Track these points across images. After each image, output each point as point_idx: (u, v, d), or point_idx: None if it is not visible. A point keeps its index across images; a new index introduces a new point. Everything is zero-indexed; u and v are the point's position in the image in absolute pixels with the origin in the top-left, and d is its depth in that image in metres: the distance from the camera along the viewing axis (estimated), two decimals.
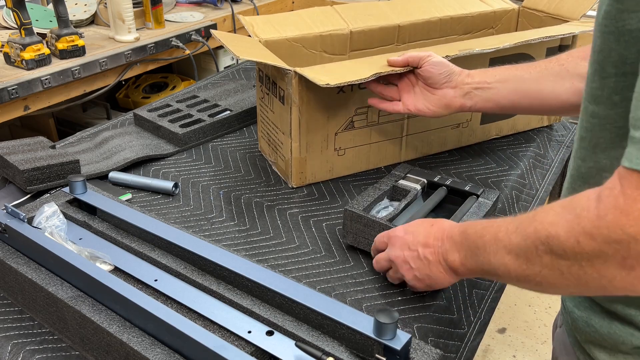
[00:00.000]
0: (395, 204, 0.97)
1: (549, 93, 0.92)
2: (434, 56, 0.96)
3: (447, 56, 1.01)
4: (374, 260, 0.84)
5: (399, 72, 0.98)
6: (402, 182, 1.00)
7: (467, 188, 0.98)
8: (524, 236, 0.58)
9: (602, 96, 0.58)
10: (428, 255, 0.73)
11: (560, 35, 1.13)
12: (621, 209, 0.47)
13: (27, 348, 0.73)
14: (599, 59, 0.57)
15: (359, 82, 0.95)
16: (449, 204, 0.99)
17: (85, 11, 2.09)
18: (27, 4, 1.67)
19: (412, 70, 0.98)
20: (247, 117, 1.35)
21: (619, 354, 0.64)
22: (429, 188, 1.01)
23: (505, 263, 0.60)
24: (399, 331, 0.62)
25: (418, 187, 0.99)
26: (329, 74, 0.96)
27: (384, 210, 0.96)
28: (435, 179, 0.99)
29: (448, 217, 0.88)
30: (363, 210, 0.91)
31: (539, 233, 0.55)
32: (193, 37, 2.12)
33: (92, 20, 2.13)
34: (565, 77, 0.90)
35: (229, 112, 1.34)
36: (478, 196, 0.96)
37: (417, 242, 0.75)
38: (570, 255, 0.52)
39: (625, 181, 0.48)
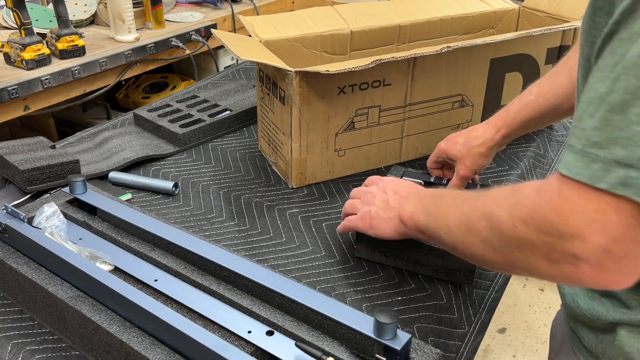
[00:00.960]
0: None
1: None
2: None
3: (447, 46, 1.01)
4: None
5: (400, 58, 0.99)
6: None
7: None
8: (472, 207, 0.61)
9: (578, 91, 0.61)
10: (391, 200, 0.79)
11: (561, 28, 1.13)
12: (554, 206, 0.49)
13: (27, 348, 0.73)
14: (585, 66, 0.58)
15: (359, 68, 0.96)
16: None
17: (85, 11, 2.09)
18: (27, 4, 1.67)
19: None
20: (247, 117, 1.35)
21: (596, 329, 0.66)
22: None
23: (448, 225, 0.64)
24: (399, 331, 0.62)
25: None
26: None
27: None
28: (431, 180, 0.99)
29: None
30: None
31: (486, 208, 0.59)
32: (193, 37, 2.12)
33: (92, 20, 2.13)
34: None
35: (229, 112, 1.34)
36: None
37: (392, 188, 0.81)
38: (505, 236, 0.55)
39: (563, 183, 0.49)
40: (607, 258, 0.47)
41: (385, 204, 0.80)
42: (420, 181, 1.00)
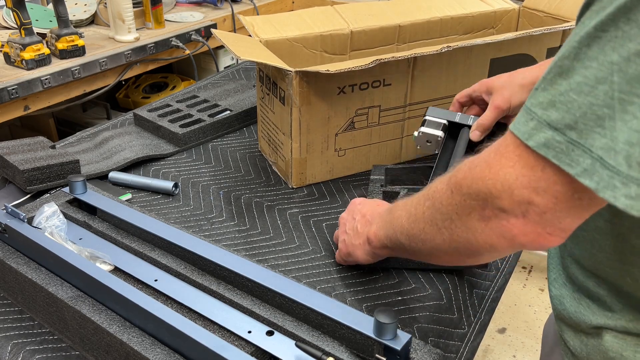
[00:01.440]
0: None
1: None
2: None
3: (447, 46, 1.01)
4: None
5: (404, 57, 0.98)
6: (389, 187, 1.00)
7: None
8: (420, 195, 0.63)
9: None
10: (359, 225, 0.79)
11: (561, 27, 1.13)
12: (488, 162, 0.51)
13: (27, 348, 0.73)
14: None
15: (359, 68, 0.96)
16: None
17: (85, 11, 2.09)
18: (27, 4, 1.67)
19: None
20: (247, 117, 1.35)
21: (580, 333, 0.66)
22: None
23: (402, 224, 0.65)
24: (399, 331, 0.62)
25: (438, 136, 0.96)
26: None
27: None
28: (456, 119, 0.95)
29: None
30: None
31: (430, 189, 0.60)
32: (193, 37, 2.12)
33: (92, 20, 2.13)
34: None
35: (229, 112, 1.34)
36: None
37: (360, 212, 0.81)
38: (445, 208, 0.56)
39: (503, 140, 0.51)
40: (532, 211, 0.49)
41: (354, 230, 0.80)
42: (444, 121, 0.96)
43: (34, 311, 0.78)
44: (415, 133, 0.98)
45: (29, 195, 1.04)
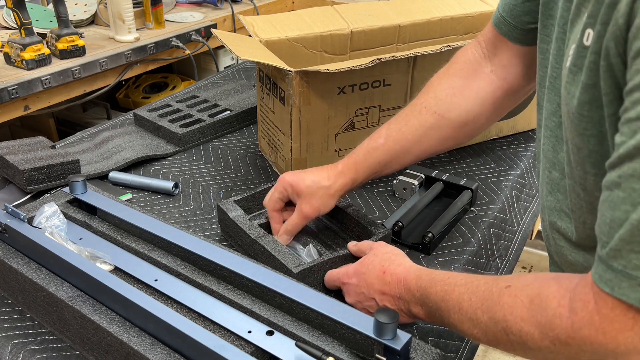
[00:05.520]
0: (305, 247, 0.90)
1: (429, 148, 0.87)
2: None
3: (447, 45, 1.02)
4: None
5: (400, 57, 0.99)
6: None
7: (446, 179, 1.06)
8: (492, 319, 0.57)
9: (587, 186, 0.60)
10: (387, 303, 0.71)
11: None
12: (597, 327, 0.49)
13: (27, 348, 0.73)
14: (579, 154, 0.58)
15: (359, 67, 0.96)
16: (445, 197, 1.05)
17: (85, 11, 2.09)
18: (27, 4, 1.67)
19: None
20: (247, 117, 1.35)
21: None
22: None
23: (473, 334, 0.61)
24: (399, 331, 0.62)
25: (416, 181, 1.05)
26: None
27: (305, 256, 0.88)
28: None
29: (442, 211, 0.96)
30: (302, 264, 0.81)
31: (509, 323, 0.55)
32: (193, 37, 2.12)
33: (92, 20, 2.13)
34: (442, 126, 0.85)
35: (229, 112, 1.34)
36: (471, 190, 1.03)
37: (373, 291, 0.73)
38: (545, 353, 0.54)
39: (601, 301, 0.49)
40: None
41: (381, 307, 0.72)
42: (421, 175, 1.05)
43: (34, 311, 0.78)
44: (395, 181, 1.07)
45: (29, 195, 1.04)
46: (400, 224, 0.93)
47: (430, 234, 0.91)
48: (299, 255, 0.87)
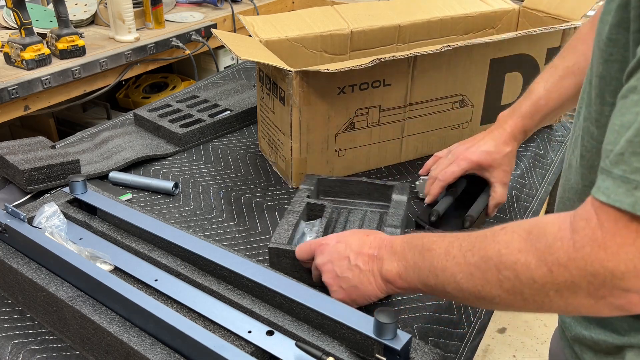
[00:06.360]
0: (316, 222, 0.92)
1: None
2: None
3: (447, 45, 1.02)
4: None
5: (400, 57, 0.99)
6: (314, 199, 0.97)
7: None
8: (483, 257, 0.56)
9: (601, 121, 0.58)
10: (360, 263, 0.69)
11: (561, 27, 1.13)
12: (599, 242, 0.47)
13: (27, 348, 0.73)
14: (600, 85, 0.56)
15: (359, 67, 0.96)
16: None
17: (85, 11, 2.09)
18: (27, 4, 1.67)
19: None
20: (247, 117, 1.35)
21: (601, 353, 0.64)
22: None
23: (457, 281, 0.58)
24: (399, 331, 0.62)
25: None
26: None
27: (307, 236, 0.89)
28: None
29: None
30: (288, 244, 0.83)
31: (504, 257, 0.54)
32: (193, 37, 2.12)
33: (92, 20, 2.13)
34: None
35: (229, 112, 1.34)
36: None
37: (349, 250, 0.71)
38: (538, 284, 0.52)
39: (603, 214, 0.47)
40: None
41: (355, 270, 0.70)
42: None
43: (34, 311, 0.78)
44: (417, 182, 1.09)
45: (29, 195, 1.04)
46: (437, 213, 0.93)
47: (469, 217, 0.92)
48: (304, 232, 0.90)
